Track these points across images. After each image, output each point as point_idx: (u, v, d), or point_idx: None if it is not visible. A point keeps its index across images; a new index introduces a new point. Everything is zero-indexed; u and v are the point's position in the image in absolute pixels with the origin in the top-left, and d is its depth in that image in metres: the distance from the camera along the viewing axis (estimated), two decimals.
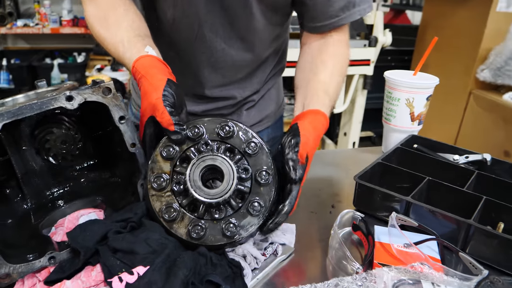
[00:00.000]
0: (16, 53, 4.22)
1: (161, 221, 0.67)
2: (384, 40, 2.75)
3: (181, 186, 0.68)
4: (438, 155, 1.01)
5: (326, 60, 0.91)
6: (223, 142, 0.72)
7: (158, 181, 0.68)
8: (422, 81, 1.03)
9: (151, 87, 0.71)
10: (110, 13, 0.84)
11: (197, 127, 0.71)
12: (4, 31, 3.79)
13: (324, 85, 0.87)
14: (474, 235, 0.72)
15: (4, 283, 0.63)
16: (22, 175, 0.78)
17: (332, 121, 3.34)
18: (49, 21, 3.91)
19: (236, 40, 0.93)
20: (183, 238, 0.66)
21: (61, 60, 4.14)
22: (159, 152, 0.70)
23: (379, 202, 0.83)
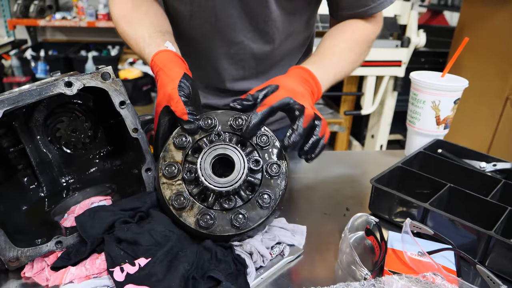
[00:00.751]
0: (53, 45, 4.36)
1: (171, 209, 0.67)
2: (418, 41, 2.66)
3: (192, 175, 0.68)
4: (464, 162, 0.96)
5: (348, 32, 0.90)
6: (235, 134, 0.72)
7: (169, 169, 0.68)
8: (450, 84, 0.98)
9: (167, 79, 0.72)
10: (133, 11, 0.88)
11: (210, 118, 0.72)
12: (43, 24, 3.93)
13: (331, 51, 0.87)
14: (495, 248, 0.67)
15: (14, 266, 0.65)
16: (37, 164, 0.80)
17: (360, 122, 3.27)
18: (85, 15, 4.02)
19: (254, 32, 0.92)
20: (192, 227, 0.66)
21: (96, 53, 4.25)
22: (171, 141, 0.70)
23: (395, 207, 0.80)
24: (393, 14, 2.65)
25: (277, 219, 0.77)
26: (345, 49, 0.88)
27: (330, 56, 0.86)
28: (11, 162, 0.79)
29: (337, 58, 0.86)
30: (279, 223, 0.76)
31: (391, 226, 0.80)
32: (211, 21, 0.89)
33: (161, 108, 0.72)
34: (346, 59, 0.88)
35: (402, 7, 2.63)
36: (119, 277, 0.57)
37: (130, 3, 0.89)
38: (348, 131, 3.19)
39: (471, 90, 1.00)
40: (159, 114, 0.73)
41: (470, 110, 2.55)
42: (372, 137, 3.08)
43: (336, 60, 0.86)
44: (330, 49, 0.87)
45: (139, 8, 0.88)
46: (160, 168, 0.69)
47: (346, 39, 0.89)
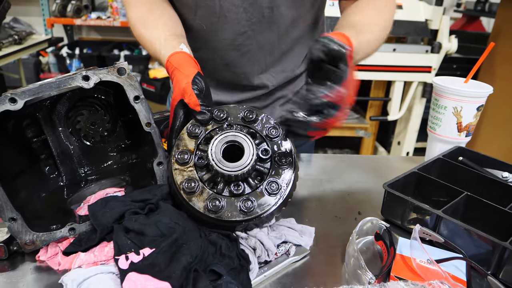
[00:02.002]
0: (88, 43, 4.52)
1: (181, 193, 0.68)
2: (449, 46, 2.59)
3: (203, 161, 0.71)
4: (485, 171, 0.93)
5: (369, 4, 0.90)
6: (246, 126, 0.75)
7: (181, 156, 0.71)
8: (473, 89, 0.95)
9: (182, 76, 0.76)
10: (148, 14, 0.91)
11: (222, 111, 0.75)
12: (79, 23, 4.08)
13: (363, 25, 0.85)
14: (509, 260, 0.65)
15: (29, 249, 0.68)
16: (58, 154, 0.84)
17: (386, 128, 3.21)
18: (119, 15, 4.14)
19: (259, 21, 0.93)
20: (200, 211, 0.67)
21: (128, 52, 4.37)
22: (185, 131, 0.73)
23: (408, 213, 0.78)
24: (424, 18, 2.59)
25: (286, 218, 0.77)
26: (373, 24, 0.87)
27: (363, 32, 0.83)
28: (34, 151, 0.83)
29: (371, 32, 0.85)
30: (288, 223, 0.76)
31: (403, 232, 0.79)
32: (215, 10, 0.91)
33: (176, 102, 0.76)
34: (378, 31, 0.87)
35: (434, 12, 2.56)
36: (123, 265, 0.59)
37: (145, 7, 0.92)
38: (374, 137, 3.13)
39: (504, 99, 0.96)
40: (174, 108, 0.76)
41: (502, 120, 2.45)
42: (398, 144, 3.02)
43: (370, 34, 0.85)
44: (361, 22, 0.86)
45: (154, 11, 0.91)
46: (173, 155, 0.71)
47: (373, 9, 0.89)
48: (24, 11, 4.37)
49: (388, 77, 2.67)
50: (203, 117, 0.73)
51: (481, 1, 3.87)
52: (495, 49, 2.72)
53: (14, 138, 0.77)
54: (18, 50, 2.92)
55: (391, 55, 2.55)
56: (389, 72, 2.62)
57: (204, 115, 0.73)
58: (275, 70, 1.03)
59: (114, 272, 0.61)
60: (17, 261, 0.69)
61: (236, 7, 0.91)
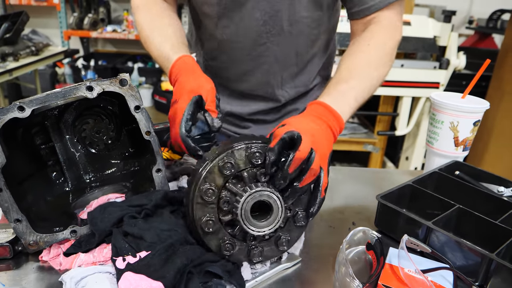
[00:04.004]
0: (103, 55, 4.65)
1: (198, 230, 0.68)
2: (457, 63, 2.60)
3: (227, 206, 0.68)
4: (481, 185, 0.94)
5: (362, 46, 0.88)
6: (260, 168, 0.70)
7: (207, 192, 0.67)
8: (469, 105, 0.97)
9: (202, 78, 0.81)
10: (157, 20, 0.95)
11: (260, 153, 0.68)
12: (95, 35, 4.21)
13: (348, 74, 0.84)
14: (497, 271, 0.66)
15: (32, 249, 0.71)
16: (65, 161, 0.88)
17: (395, 143, 3.21)
18: (134, 28, 4.26)
19: (278, 33, 0.95)
20: (212, 249, 0.68)
21: (141, 64, 4.48)
22: (216, 165, 0.67)
23: (400, 224, 0.80)
24: (432, 35, 2.61)
25: None
26: (363, 67, 0.85)
27: (347, 80, 0.82)
28: (42, 157, 0.87)
29: (355, 80, 0.82)
30: None
31: (394, 242, 0.80)
32: (236, 22, 0.94)
33: (186, 96, 0.77)
34: (365, 78, 0.84)
35: (442, 29, 2.59)
36: (120, 265, 0.62)
37: (155, 13, 0.95)
38: (383, 152, 3.13)
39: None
40: (184, 100, 0.77)
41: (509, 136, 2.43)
42: (406, 159, 3.01)
43: (354, 82, 0.82)
44: (347, 71, 0.84)
45: (163, 19, 0.95)
46: (198, 187, 0.67)
47: (362, 56, 0.86)
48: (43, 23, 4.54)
49: (396, 92, 2.68)
50: (217, 122, 0.76)
51: (493, 18, 3.88)
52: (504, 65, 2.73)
53: (23, 145, 0.81)
54: (35, 61, 3.02)
55: (399, 70, 2.57)
56: (397, 88, 2.63)
57: (217, 122, 0.76)
58: (289, 86, 1.05)
59: (111, 272, 0.64)
60: (21, 260, 0.73)
61: (256, 20, 0.93)
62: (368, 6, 0.89)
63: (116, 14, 4.59)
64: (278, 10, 0.92)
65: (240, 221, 0.65)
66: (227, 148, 0.68)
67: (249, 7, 0.92)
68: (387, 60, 0.88)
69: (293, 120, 0.72)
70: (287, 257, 0.73)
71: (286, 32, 0.95)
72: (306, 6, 0.92)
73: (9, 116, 0.67)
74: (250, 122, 1.12)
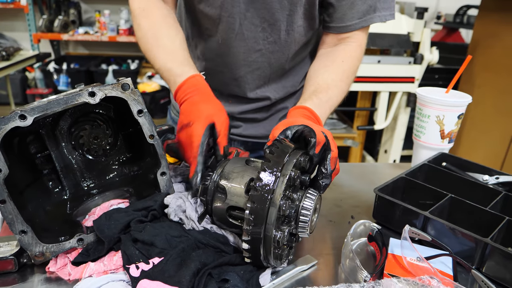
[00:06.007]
0: (75, 58, 4.54)
1: (270, 249, 0.64)
2: (431, 58, 2.69)
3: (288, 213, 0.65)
4: (467, 175, 0.99)
5: (337, 62, 0.96)
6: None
7: (285, 208, 0.62)
8: (454, 99, 1.01)
9: (216, 105, 0.82)
10: (164, 27, 0.94)
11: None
12: (66, 38, 4.10)
13: (326, 85, 0.91)
14: (492, 255, 0.70)
15: (39, 260, 0.70)
16: (61, 169, 0.87)
17: (373, 137, 3.29)
18: (107, 30, 4.19)
19: (274, 41, 0.98)
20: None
21: (116, 67, 4.40)
22: (288, 178, 0.63)
23: (398, 215, 0.83)
24: (406, 31, 2.69)
25: None
26: (337, 81, 0.94)
27: (325, 91, 0.90)
28: (37, 166, 0.85)
29: (332, 91, 0.91)
30: None
31: (393, 233, 0.84)
32: (234, 27, 0.95)
33: (201, 123, 0.78)
34: (339, 91, 0.94)
35: (415, 25, 2.67)
36: (134, 273, 0.62)
37: (159, 22, 0.94)
38: (362, 146, 3.21)
39: (485, 107, 1.03)
40: (201, 126, 0.78)
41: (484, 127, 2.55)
42: (385, 152, 3.10)
43: (331, 93, 0.91)
44: (324, 82, 0.92)
45: (168, 29, 0.93)
46: (276, 206, 0.61)
47: (338, 71, 0.95)
48: (10, 26, 4.39)
49: (374, 88, 2.76)
50: (222, 157, 0.77)
51: (460, 14, 4.02)
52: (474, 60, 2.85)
53: (19, 154, 0.79)
54: (6, 66, 2.93)
55: (377, 66, 2.64)
56: (375, 83, 2.71)
57: (222, 156, 0.78)
58: (279, 87, 1.08)
59: (125, 280, 0.64)
60: (27, 273, 0.71)
61: (255, 26, 0.95)
62: (345, 25, 0.96)
63: (88, 16, 4.49)
64: (277, 20, 0.94)
65: (301, 226, 0.66)
66: (283, 161, 0.63)
67: (250, 13, 0.94)
68: (353, 77, 0.99)
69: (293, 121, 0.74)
70: (304, 259, 0.74)
71: (282, 40, 0.98)
72: (301, 17, 0.96)
73: (11, 126, 0.66)
74: (240, 121, 1.14)
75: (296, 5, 0.93)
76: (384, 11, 0.95)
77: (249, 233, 0.61)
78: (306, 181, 0.68)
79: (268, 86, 1.07)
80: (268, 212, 0.60)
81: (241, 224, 0.68)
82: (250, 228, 0.61)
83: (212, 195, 0.71)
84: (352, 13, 0.94)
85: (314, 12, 0.96)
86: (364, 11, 0.94)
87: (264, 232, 0.61)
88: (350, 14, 0.95)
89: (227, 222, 0.70)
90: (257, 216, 0.60)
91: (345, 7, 0.94)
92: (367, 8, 0.94)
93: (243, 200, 0.67)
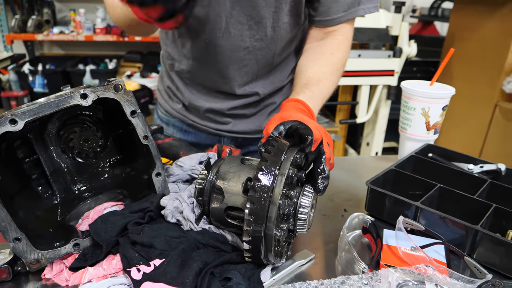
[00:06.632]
0: (51, 59, 4.42)
1: (271, 246, 0.64)
2: (409, 51, 2.74)
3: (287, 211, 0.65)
4: (453, 164, 1.02)
5: (326, 54, 0.98)
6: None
7: (284, 206, 0.64)
8: (438, 91, 1.04)
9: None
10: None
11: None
12: (41, 38, 3.98)
13: (317, 78, 0.93)
14: (482, 241, 0.73)
15: (34, 268, 0.69)
16: (51, 173, 0.85)
17: (355, 130, 3.34)
18: (83, 29, 4.09)
19: (261, 39, 0.99)
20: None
21: (93, 66, 4.30)
22: (285, 177, 0.62)
23: (390, 207, 0.85)
24: (385, 25, 2.74)
25: None
26: (328, 74, 0.96)
27: (317, 84, 0.92)
28: (26, 172, 0.84)
29: (323, 84, 0.93)
30: None
31: (386, 224, 0.86)
32: (221, 26, 0.95)
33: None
34: (330, 84, 0.96)
35: (394, 19, 2.72)
36: (136, 276, 0.62)
37: None
38: (344, 140, 3.25)
39: (462, 98, 1.06)
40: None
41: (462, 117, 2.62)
42: (367, 145, 3.14)
43: (322, 86, 0.93)
44: (315, 75, 0.94)
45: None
46: (275, 205, 0.61)
47: (327, 64, 0.97)
48: None
49: (355, 81, 2.79)
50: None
51: (434, 7, 4.11)
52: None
53: (7, 160, 0.77)
54: None
55: (357, 60, 2.67)
56: (355, 77, 2.74)
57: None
58: (263, 81, 1.09)
59: (126, 283, 0.64)
60: (21, 281, 0.70)
61: (241, 24, 0.95)
62: (331, 18, 0.98)
63: (62, 15, 4.37)
64: (263, 17, 0.95)
65: (299, 223, 0.67)
66: (280, 159, 0.63)
67: (236, 11, 0.94)
68: (342, 69, 1.01)
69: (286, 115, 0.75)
70: (300, 253, 0.75)
71: (268, 37, 0.99)
72: (287, 13, 0.96)
73: (1, 131, 0.65)
74: (230, 117, 1.14)
75: (281, 2, 0.94)
76: (368, 3, 0.97)
77: (249, 234, 0.61)
78: (302, 177, 0.69)
79: (256, 82, 1.08)
80: (268, 212, 0.60)
81: (240, 223, 0.69)
82: (251, 228, 0.61)
83: (209, 195, 0.71)
84: (337, 6, 0.96)
85: (300, 8, 0.97)
86: (349, 4, 0.96)
87: (264, 232, 0.61)
88: (335, 7, 0.96)
89: (225, 222, 0.70)
90: (258, 217, 0.60)
91: (330, 1, 0.95)
92: (352, 1, 0.96)
93: (241, 200, 0.67)
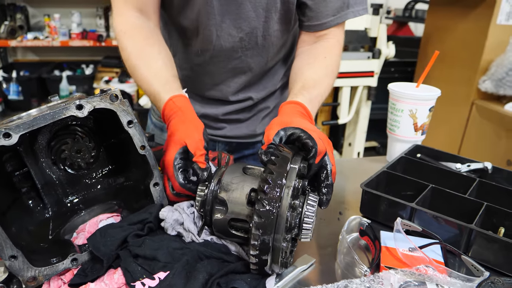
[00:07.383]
0: (25, 65, 4.30)
1: (278, 258, 0.64)
2: (388, 52, 2.80)
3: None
4: (441, 164, 1.05)
5: (320, 58, 0.99)
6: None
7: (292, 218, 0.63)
8: (425, 93, 1.07)
9: (192, 126, 0.79)
10: (147, 48, 0.91)
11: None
12: (14, 44, 3.87)
13: (313, 81, 0.93)
14: (476, 239, 0.75)
15: (31, 286, 0.67)
16: (42, 186, 0.83)
17: (337, 131, 3.38)
18: (58, 34, 3.99)
19: (252, 47, 1.00)
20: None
21: (70, 72, 4.21)
22: (292, 189, 0.62)
23: (385, 208, 0.87)
24: (363, 27, 2.79)
25: None
26: (323, 77, 0.96)
27: (313, 87, 0.92)
28: (15, 185, 0.81)
29: (319, 87, 0.94)
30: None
31: (382, 226, 0.87)
32: (212, 39, 0.96)
33: (177, 146, 0.77)
34: (326, 86, 0.96)
35: (372, 21, 2.77)
36: None
37: (143, 38, 0.91)
38: None
39: (441, 97, 1.09)
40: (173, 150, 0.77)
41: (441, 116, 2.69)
42: (349, 145, 3.19)
43: (319, 89, 0.93)
44: (311, 79, 0.94)
45: (153, 46, 0.90)
46: (283, 218, 0.60)
47: (322, 67, 0.98)
48: None
49: (336, 83, 2.82)
50: (202, 174, 0.74)
51: (408, 8, 4.22)
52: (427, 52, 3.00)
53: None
54: None
55: None
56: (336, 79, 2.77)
57: (204, 171, 0.74)
58: (256, 87, 1.10)
59: None
60: None
61: (232, 37, 0.96)
62: (321, 23, 0.99)
63: (36, 20, 4.26)
64: (253, 28, 0.96)
65: (304, 232, 0.66)
66: (285, 170, 0.62)
67: (226, 24, 0.94)
68: (337, 72, 1.02)
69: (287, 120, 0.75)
70: (301, 259, 0.75)
71: (259, 46, 1.00)
72: (277, 21, 0.97)
73: None
74: (224, 122, 1.15)
75: (271, 12, 0.95)
76: (357, 6, 0.98)
77: (257, 248, 0.60)
78: (305, 186, 0.69)
79: (249, 88, 1.08)
80: (276, 225, 0.60)
81: (244, 234, 0.68)
82: (258, 242, 0.60)
83: (211, 206, 0.70)
84: (327, 11, 0.97)
85: (290, 15, 0.98)
86: (338, 7, 0.97)
87: (272, 244, 0.60)
88: (324, 12, 0.97)
89: (228, 233, 0.69)
90: (265, 231, 0.59)
91: (319, 5, 0.96)
92: (341, 4, 0.97)
93: (246, 211, 0.66)
